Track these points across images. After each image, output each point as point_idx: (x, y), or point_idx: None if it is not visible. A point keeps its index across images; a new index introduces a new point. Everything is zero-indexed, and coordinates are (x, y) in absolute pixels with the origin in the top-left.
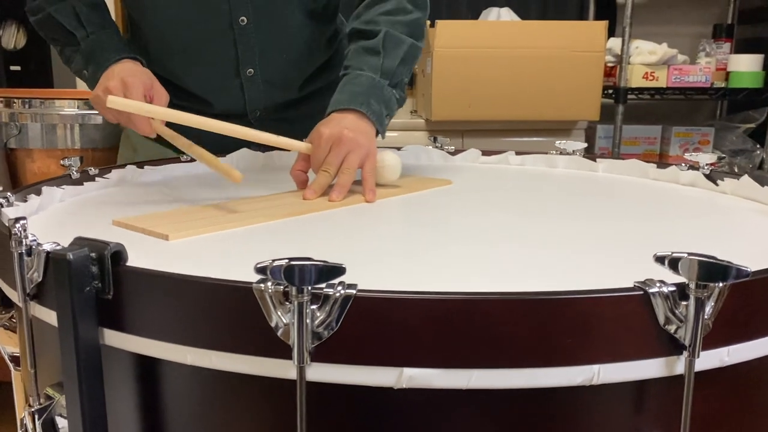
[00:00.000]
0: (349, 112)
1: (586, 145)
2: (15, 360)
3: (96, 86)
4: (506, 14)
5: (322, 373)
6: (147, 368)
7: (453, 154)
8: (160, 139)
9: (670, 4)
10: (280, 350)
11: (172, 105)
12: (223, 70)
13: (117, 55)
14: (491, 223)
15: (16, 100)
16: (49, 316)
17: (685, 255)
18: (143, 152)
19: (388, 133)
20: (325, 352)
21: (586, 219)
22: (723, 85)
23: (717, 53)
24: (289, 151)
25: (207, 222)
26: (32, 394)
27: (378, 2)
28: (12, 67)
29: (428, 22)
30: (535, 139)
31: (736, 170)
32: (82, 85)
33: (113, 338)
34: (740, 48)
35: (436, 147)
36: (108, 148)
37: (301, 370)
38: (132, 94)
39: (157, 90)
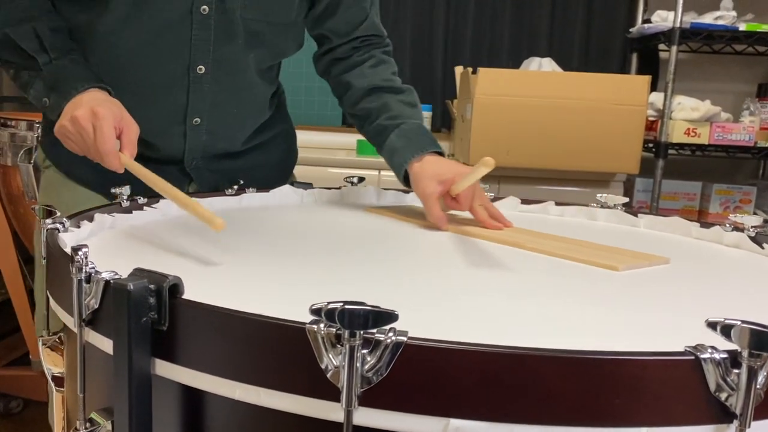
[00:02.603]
0: (434, 154)
1: (627, 199)
2: (57, 380)
3: (61, 116)
4: (548, 64)
5: (369, 417)
6: (195, 401)
7: (492, 200)
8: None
9: (713, 61)
10: (329, 392)
11: None
12: (170, 116)
13: (84, 84)
14: (536, 275)
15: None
16: (101, 342)
17: (739, 322)
18: (68, 201)
19: None
20: (373, 397)
21: (629, 277)
22: (766, 144)
23: (761, 112)
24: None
25: None
26: (79, 418)
27: (381, 64)
28: None
29: (470, 69)
30: (572, 189)
31: None
32: None
33: (164, 369)
34: None
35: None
36: None
37: (349, 414)
38: (102, 125)
39: (127, 121)
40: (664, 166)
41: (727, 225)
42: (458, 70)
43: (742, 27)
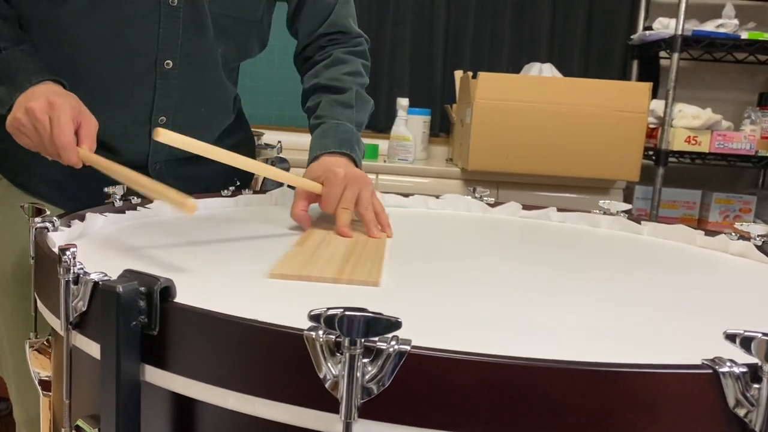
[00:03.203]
0: (340, 155)
1: (630, 206)
2: (44, 384)
3: (13, 108)
4: (548, 70)
5: (370, 430)
6: (186, 409)
7: (492, 206)
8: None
9: (714, 69)
10: (327, 403)
11: None
12: (134, 115)
13: (38, 76)
14: (542, 282)
15: None
16: (89, 346)
17: (759, 335)
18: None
19: (422, 180)
20: (373, 409)
21: (637, 285)
22: (767, 153)
23: (762, 121)
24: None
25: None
26: (65, 425)
27: (337, 63)
28: None
29: (470, 73)
30: (571, 195)
31: None
32: None
33: (154, 375)
34: None
35: (475, 198)
36: None
37: (348, 426)
38: (60, 116)
39: (85, 115)
40: (664, 173)
41: (733, 233)
42: (458, 74)
43: (744, 35)
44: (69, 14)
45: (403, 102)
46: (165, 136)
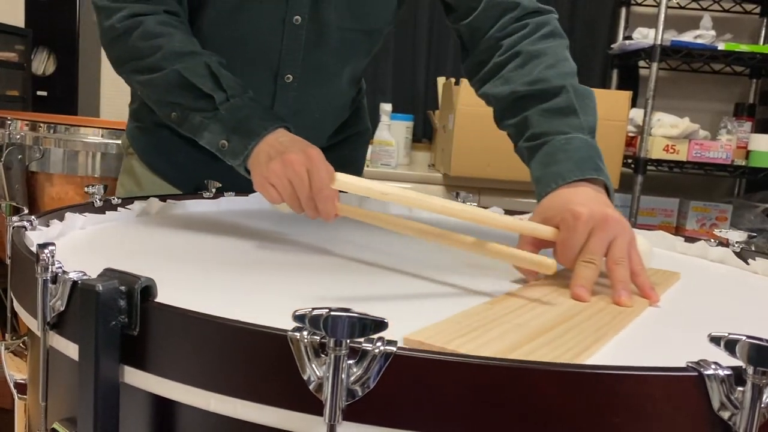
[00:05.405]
0: (583, 183)
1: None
2: (19, 387)
3: (262, 161)
4: None
5: None
6: (167, 412)
7: None
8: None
9: (692, 79)
10: (311, 405)
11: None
12: None
13: (273, 123)
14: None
15: (41, 125)
16: (67, 347)
17: (744, 337)
18: (148, 188)
19: (404, 185)
20: (358, 412)
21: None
22: (743, 163)
23: (738, 131)
24: None
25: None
26: (40, 428)
27: (532, 59)
28: (39, 93)
29: (453, 80)
30: None
31: (753, 249)
32: (105, 114)
33: (134, 377)
34: (761, 128)
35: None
36: None
37: (332, 429)
38: (320, 169)
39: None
40: (643, 181)
41: (712, 241)
42: (441, 80)
43: (721, 46)
44: (207, 22)
45: (386, 107)
46: (341, 181)
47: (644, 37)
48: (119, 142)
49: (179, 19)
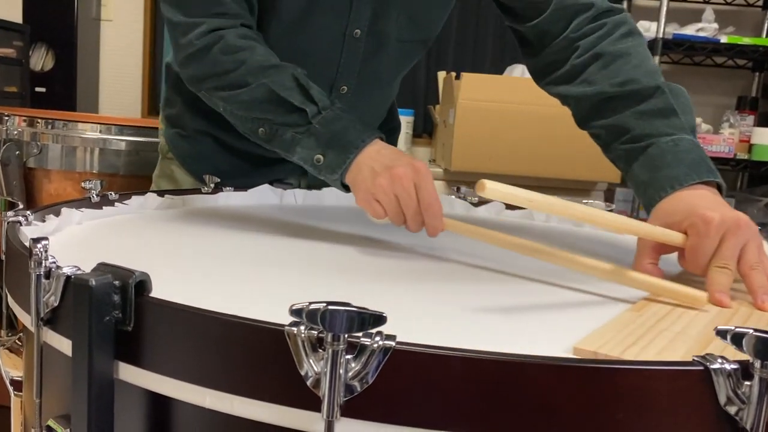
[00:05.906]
0: (698, 186)
1: (614, 206)
2: (15, 384)
3: (366, 176)
4: None
5: (353, 429)
6: (162, 408)
7: (476, 205)
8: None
9: (694, 73)
10: (309, 401)
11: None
12: None
13: (370, 134)
14: (527, 282)
15: (39, 120)
16: (61, 343)
17: (750, 331)
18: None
19: None
20: (356, 408)
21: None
22: (746, 156)
23: (741, 125)
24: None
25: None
26: (35, 425)
27: (616, 59)
28: (38, 89)
29: (453, 74)
30: (553, 196)
31: None
32: (104, 110)
33: (128, 373)
34: (763, 121)
35: (459, 197)
36: (127, 175)
37: (330, 425)
38: (428, 183)
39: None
40: None
41: None
42: (441, 75)
43: (723, 39)
44: (270, 35)
45: None
46: (490, 188)
47: (646, 30)
48: (119, 138)
49: (256, 32)
